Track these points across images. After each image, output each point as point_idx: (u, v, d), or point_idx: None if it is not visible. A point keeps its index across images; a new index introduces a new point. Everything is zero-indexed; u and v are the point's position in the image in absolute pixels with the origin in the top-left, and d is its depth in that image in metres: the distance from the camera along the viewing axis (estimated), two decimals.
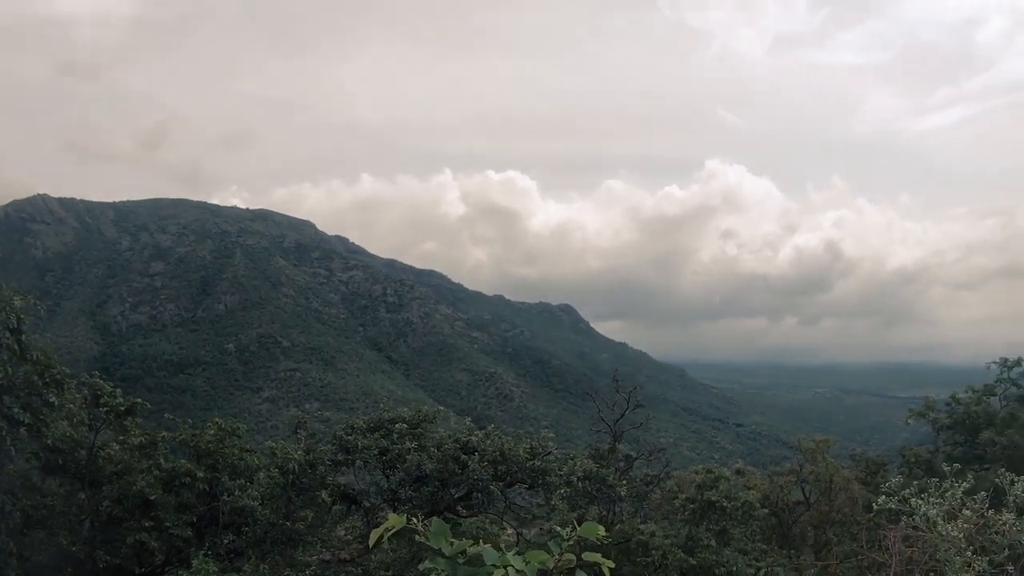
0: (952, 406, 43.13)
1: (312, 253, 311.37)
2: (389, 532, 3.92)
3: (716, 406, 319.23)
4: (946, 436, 42.66)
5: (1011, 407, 41.33)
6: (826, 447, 41.40)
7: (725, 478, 36.04)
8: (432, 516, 25.64)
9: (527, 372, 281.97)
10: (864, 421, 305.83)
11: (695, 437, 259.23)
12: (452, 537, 3.74)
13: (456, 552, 3.72)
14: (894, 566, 6.91)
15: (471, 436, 25.87)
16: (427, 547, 3.73)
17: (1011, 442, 37.76)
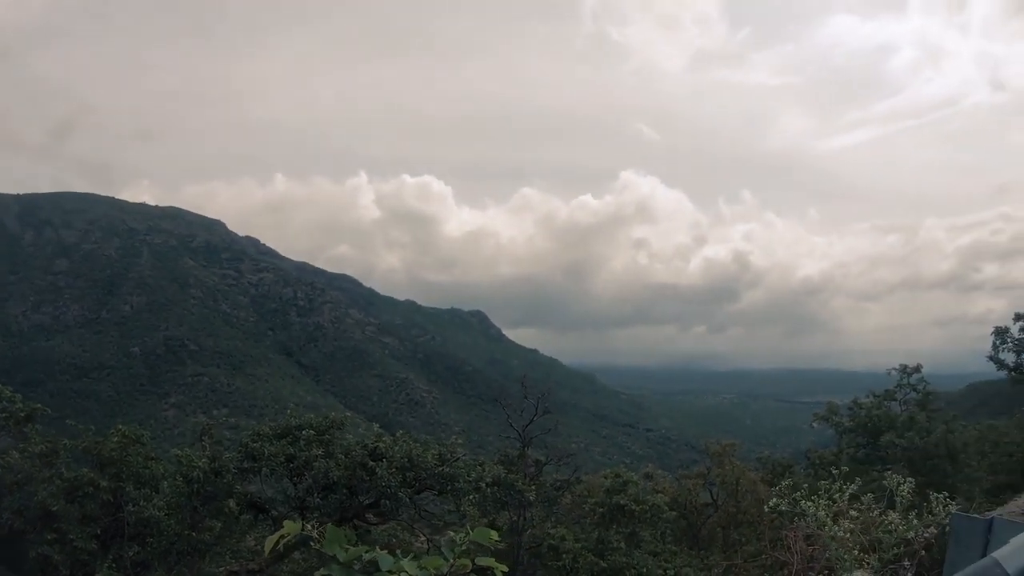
0: (854, 410, 44.25)
1: (222, 254, 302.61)
2: (284, 539, 3.79)
3: (626, 411, 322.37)
4: (849, 439, 43.77)
5: (910, 411, 42.67)
6: (732, 450, 42.34)
7: (633, 482, 36.47)
8: (340, 524, 25.39)
9: (438, 378, 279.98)
10: (771, 425, 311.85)
11: (606, 442, 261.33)
12: (361, 545, 3.63)
13: (351, 558, 3.60)
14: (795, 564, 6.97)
15: (379, 442, 25.59)
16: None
17: (911, 444, 39.00)
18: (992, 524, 4.51)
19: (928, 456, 38.86)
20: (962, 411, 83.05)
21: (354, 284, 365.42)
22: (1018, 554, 4.07)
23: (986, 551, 4.34)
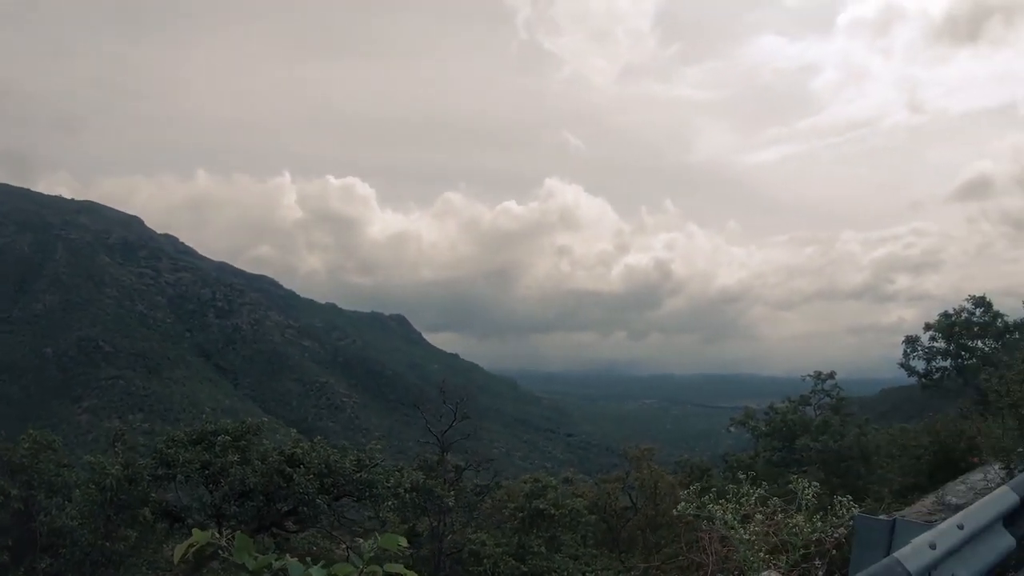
0: (770, 415, 45.17)
1: (139, 252, 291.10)
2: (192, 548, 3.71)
3: (547, 416, 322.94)
4: (765, 442, 44.54)
5: (824, 415, 43.68)
6: (650, 454, 42.78)
7: (553, 486, 36.63)
8: (259, 532, 25.04)
9: (359, 382, 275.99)
10: (690, 429, 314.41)
11: (527, 447, 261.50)
12: (279, 553, 3.57)
13: (261, 567, 3.54)
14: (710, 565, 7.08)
15: (296, 448, 25.31)
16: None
17: (825, 447, 39.93)
18: (894, 525, 4.64)
19: (842, 458, 39.78)
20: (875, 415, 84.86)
21: (274, 286, 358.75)
22: (919, 553, 4.19)
23: (889, 551, 4.45)
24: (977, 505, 5.27)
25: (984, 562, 5.06)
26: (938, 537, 4.44)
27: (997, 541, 5.37)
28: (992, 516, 5.26)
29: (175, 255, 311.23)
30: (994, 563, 5.27)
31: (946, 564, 4.55)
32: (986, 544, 5.17)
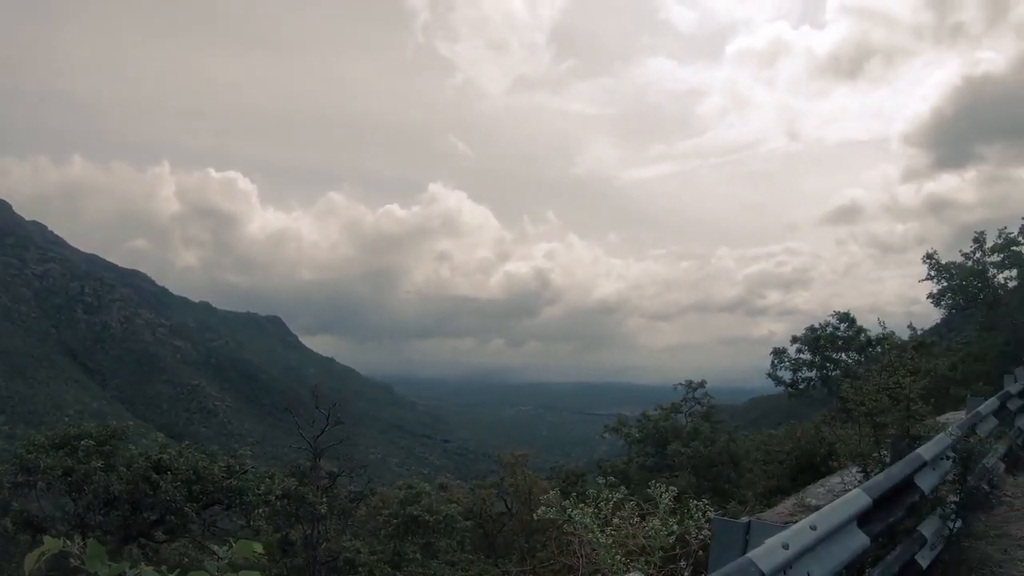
0: (643, 422, 46.35)
1: (5, 239, 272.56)
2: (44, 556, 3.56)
3: (424, 422, 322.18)
4: (638, 448, 45.67)
5: (695, 422, 45.15)
6: (524, 460, 43.16)
7: (426, 492, 36.64)
8: (126, 543, 24.23)
9: (232, 385, 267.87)
10: (566, 436, 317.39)
11: (403, 453, 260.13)
12: (148, 564, 3.45)
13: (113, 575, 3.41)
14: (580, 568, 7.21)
15: (163, 454, 24.57)
16: None
17: (695, 452, 41.13)
18: (750, 526, 4.80)
19: (712, 463, 40.93)
20: (745, 423, 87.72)
21: (147, 282, 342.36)
22: (771, 553, 4.34)
23: (745, 551, 4.59)
24: (829, 507, 5.48)
25: (838, 560, 5.27)
26: (791, 538, 4.60)
27: (851, 540, 5.61)
28: (845, 517, 5.48)
29: (44, 244, 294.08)
30: (848, 561, 5.50)
31: (800, 563, 4.71)
32: (840, 543, 5.39)
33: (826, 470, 16.40)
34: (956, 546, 8.41)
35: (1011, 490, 12.20)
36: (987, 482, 11.56)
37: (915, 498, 7.59)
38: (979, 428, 12.14)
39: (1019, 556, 8.80)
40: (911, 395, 10.41)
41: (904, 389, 10.46)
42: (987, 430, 12.82)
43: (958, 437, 9.04)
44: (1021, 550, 9.07)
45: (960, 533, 8.54)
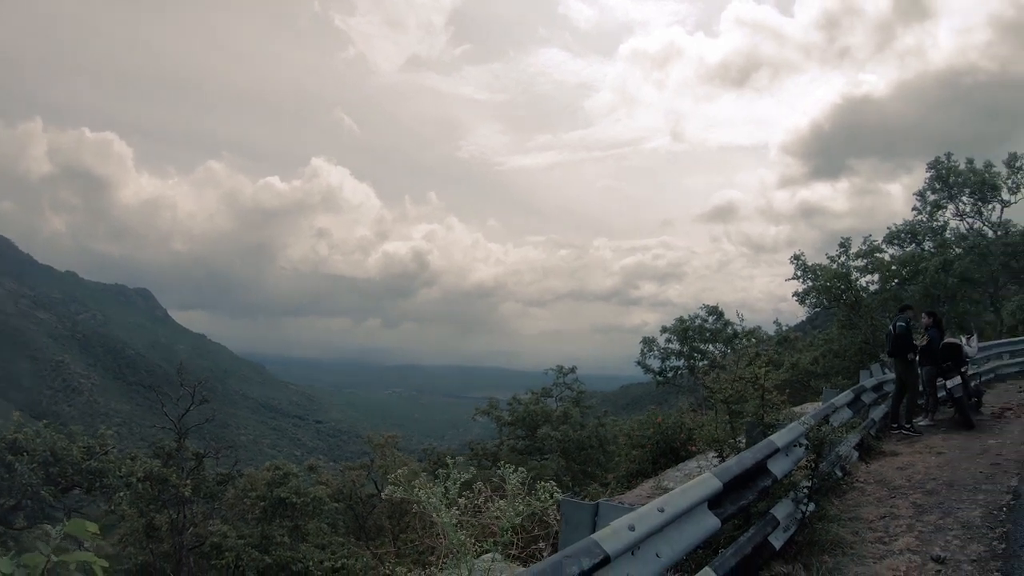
0: (514, 405, 46.84)
1: None
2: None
3: (297, 403, 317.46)
4: (509, 431, 46.14)
5: (565, 407, 45.87)
6: (394, 442, 43.11)
7: (294, 474, 36.19)
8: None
9: (98, 362, 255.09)
10: (440, 418, 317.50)
11: (276, 434, 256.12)
12: (13, 554, 3.29)
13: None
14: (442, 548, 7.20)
15: (18, 434, 23.64)
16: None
17: (565, 436, 41.90)
18: (598, 507, 4.88)
19: (582, 447, 41.73)
20: (616, 408, 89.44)
21: (10, 248, 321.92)
22: (617, 534, 4.41)
23: (594, 532, 4.66)
24: (679, 490, 5.61)
25: (688, 541, 5.41)
26: (638, 519, 4.68)
27: (701, 522, 5.76)
28: (695, 500, 5.62)
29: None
30: (698, 542, 5.65)
31: (649, 543, 4.80)
32: (690, 525, 5.52)
33: (686, 455, 16.85)
34: (809, 528, 8.68)
35: (864, 476, 12.68)
36: (840, 468, 12.05)
37: (767, 483, 7.83)
38: (833, 418, 12.65)
39: (869, 537, 9.16)
40: (765, 385, 10.78)
41: (759, 379, 10.81)
42: (841, 420, 13.37)
43: (811, 426, 9.35)
44: (871, 531, 9.43)
45: (813, 516, 8.82)
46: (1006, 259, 44.53)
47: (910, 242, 47.23)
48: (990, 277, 45.35)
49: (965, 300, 44.09)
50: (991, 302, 46.43)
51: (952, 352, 17.47)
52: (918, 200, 48.68)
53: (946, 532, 9.24)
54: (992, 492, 11.01)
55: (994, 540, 8.73)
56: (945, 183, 47.32)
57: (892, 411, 17.23)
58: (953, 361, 17.38)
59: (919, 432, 16.68)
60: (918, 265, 43.93)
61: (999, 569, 7.69)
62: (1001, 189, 45.97)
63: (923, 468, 13.10)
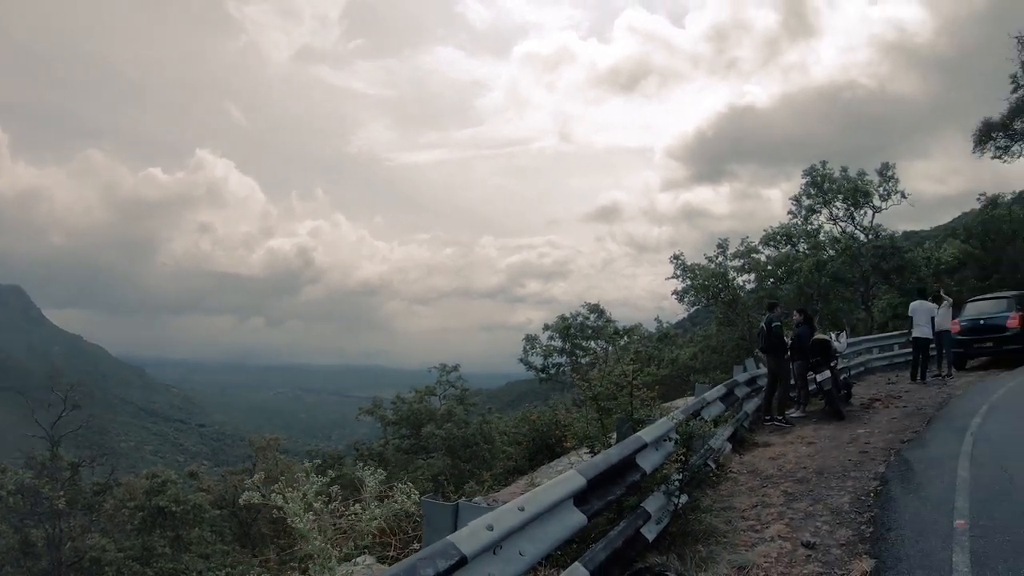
0: (398, 404, 46.86)
1: None
2: None
3: (179, 406, 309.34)
4: (394, 430, 46.15)
5: (449, 405, 46.08)
6: (276, 444, 42.56)
7: (172, 481, 35.31)
8: None
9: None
10: (325, 419, 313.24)
11: (158, 439, 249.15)
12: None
13: None
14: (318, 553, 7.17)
15: None
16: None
17: (449, 434, 42.11)
18: (458, 508, 4.89)
19: (468, 444, 41.94)
20: (502, 405, 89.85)
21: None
22: (475, 535, 4.41)
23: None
24: (541, 488, 5.64)
25: (554, 538, 5.44)
26: (497, 519, 4.68)
27: (567, 519, 5.80)
28: (558, 497, 5.66)
29: None
30: (565, 538, 5.70)
31: (511, 542, 4.82)
32: (555, 522, 5.56)
33: (561, 451, 17.08)
34: (683, 519, 8.83)
35: (737, 467, 12.99)
36: (714, 460, 12.33)
37: (636, 477, 7.92)
38: (705, 412, 12.94)
39: (742, 526, 9.37)
40: (634, 383, 10.99)
41: (628, 376, 11.02)
42: (713, 414, 13.70)
43: (680, 421, 9.52)
44: (744, 520, 9.65)
45: (687, 507, 8.98)
46: (876, 261, 46.48)
47: (785, 243, 48.83)
48: (861, 277, 47.36)
49: (838, 299, 46.32)
50: (862, 301, 48.46)
51: (822, 348, 18.09)
52: (794, 204, 50.20)
53: (816, 518, 9.52)
54: (860, 479, 11.37)
55: (862, 524, 9.03)
56: (820, 189, 48.93)
57: (765, 404, 17.77)
58: (823, 356, 17.98)
59: (791, 423, 17.22)
60: (792, 265, 45.71)
61: (867, 552, 7.94)
62: (873, 196, 47.76)
63: (794, 458, 13.48)
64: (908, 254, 47.15)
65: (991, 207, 50.90)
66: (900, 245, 48.19)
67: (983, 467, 10.90)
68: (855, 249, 47.02)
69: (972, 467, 10.94)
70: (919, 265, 46.31)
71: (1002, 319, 25.99)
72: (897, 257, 46.37)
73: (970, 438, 13.03)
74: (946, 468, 11.11)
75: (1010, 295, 27.83)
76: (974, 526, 8.18)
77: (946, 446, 12.76)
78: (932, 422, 15.71)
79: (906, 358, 26.48)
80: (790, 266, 45.91)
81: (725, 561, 8.02)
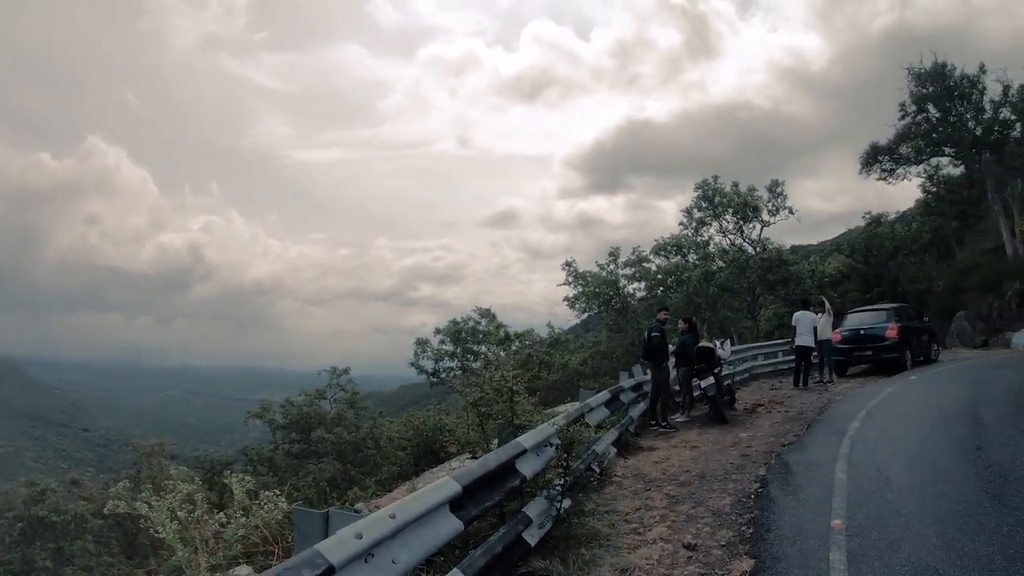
0: (287, 408, 46.39)
1: None
2: None
3: (62, 409, 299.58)
4: (283, 435, 45.66)
5: (339, 408, 45.72)
6: (161, 449, 41.72)
7: (52, 490, 34.18)
8: None
9: None
10: (215, 422, 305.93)
11: (38, 445, 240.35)
12: None
13: None
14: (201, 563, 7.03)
15: None
16: None
17: (339, 438, 41.83)
18: (328, 516, 4.85)
19: (358, 449, 41.68)
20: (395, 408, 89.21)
21: None
22: (343, 543, 4.33)
23: None
24: (415, 495, 5.64)
25: (430, 545, 5.43)
26: (367, 527, 4.63)
27: (443, 525, 5.79)
28: (432, 504, 5.65)
29: None
30: (440, 545, 5.70)
31: (384, 550, 4.78)
32: (430, 529, 5.55)
33: (446, 456, 17.11)
34: (566, 523, 8.89)
35: (622, 471, 13.12)
36: (598, 464, 12.47)
37: (516, 483, 7.96)
38: (589, 417, 13.09)
39: (625, 529, 9.45)
40: (514, 387, 11.07)
41: (507, 383, 11.10)
42: (598, 419, 13.86)
43: (561, 426, 9.60)
44: (627, 523, 9.74)
45: (570, 511, 9.06)
46: (763, 272, 48.09)
47: (676, 254, 50.11)
48: (748, 288, 48.92)
49: (725, 308, 48.02)
50: (749, 310, 50.06)
51: (706, 355, 18.49)
52: (685, 216, 51.57)
53: (697, 520, 9.67)
54: (742, 481, 11.59)
55: (743, 526, 9.20)
56: (711, 202, 50.25)
57: (650, 409, 18.06)
58: (707, 363, 18.38)
59: (675, 428, 17.54)
60: (682, 275, 47.10)
61: (747, 552, 8.09)
62: (762, 211, 49.31)
63: (678, 461, 13.69)
64: (794, 267, 48.95)
65: (875, 225, 53.56)
66: (787, 258, 49.98)
67: (859, 469, 11.24)
68: (743, 261, 48.52)
69: (849, 469, 11.28)
70: (804, 277, 48.15)
71: (881, 329, 27.27)
72: (783, 269, 48.06)
73: (848, 441, 13.43)
74: (824, 470, 11.44)
75: (889, 307, 29.51)
76: (850, 525, 8.45)
77: (825, 449, 13.10)
78: (812, 426, 16.13)
79: (790, 365, 27.24)
80: (679, 275, 47.22)
81: (608, 564, 8.08)
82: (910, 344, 27.69)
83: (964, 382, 21.48)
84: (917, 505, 9.10)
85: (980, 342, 41.53)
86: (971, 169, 50.54)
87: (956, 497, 9.29)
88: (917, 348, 28.53)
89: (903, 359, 26.93)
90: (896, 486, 10.06)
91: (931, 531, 7.99)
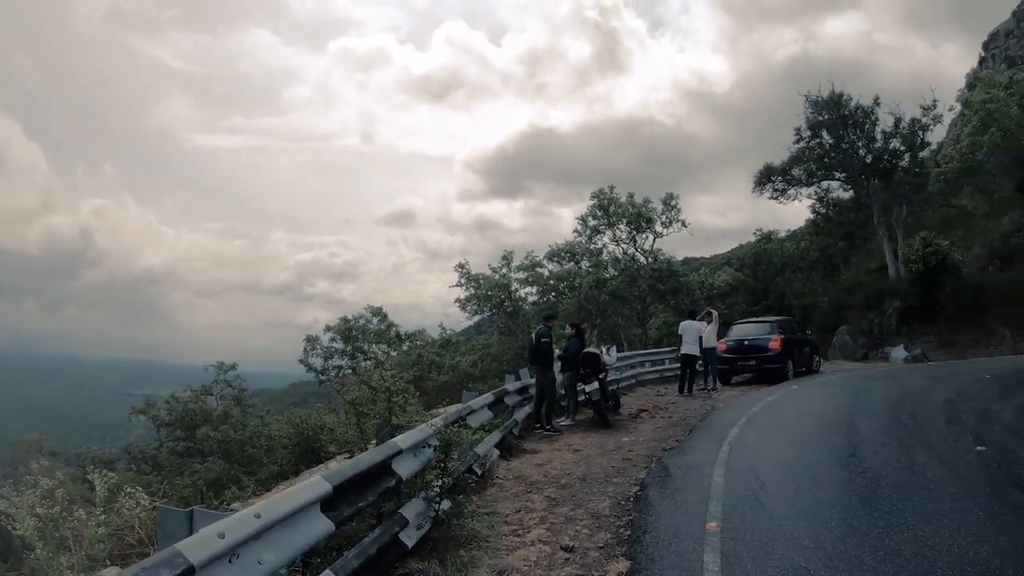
0: (172, 404, 45.48)
1: None
2: None
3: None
4: (168, 432, 44.75)
5: (226, 405, 44.96)
6: (38, 445, 40.57)
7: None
8: None
9: None
10: (100, 418, 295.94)
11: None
12: None
13: None
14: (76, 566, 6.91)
15: None
16: None
17: (225, 436, 41.15)
18: (193, 515, 4.81)
19: (245, 447, 41.02)
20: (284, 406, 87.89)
21: None
22: (205, 543, 4.24)
23: None
24: (282, 495, 5.58)
25: (298, 546, 5.37)
26: (231, 527, 4.53)
27: (313, 525, 5.74)
28: (301, 504, 5.60)
29: None
30: (309, 545, 5.64)
31: (249, 550, 4.71)
32: (299, 529, 5.51)
33: (325, 455, 17.04)
34: (446, 525, 8.95)
35: (504, 473, 13.21)
36: (480, 466, 12.58)
37: (391, 483, 7.97)
38: (471, 419, 13.17)
39: (504, 531, 9.52)
40: (391, 388, 11.13)
41: (385, 382, 11.15)
42: (480, 421, 13.96)
43: (440, 427, 9.67)
44: (507, 525, 9.81)
45: (450, 513, 9.12)
46: (654, 282, 49.20)
47: (569, 260, 50.72)
48: (639, 296, 49.86)
49: (616, 315, 48.84)
50: (639, 318, 51.00)
51: (591, 360, 18.77)
52: (580, 224, 52.16)
53: (576, 523, 9.78)
54: (622, 484, 11.75)
55: (620, 528, 9.35)
56: (606, 212, 51.00)
57: (535, 412, 18.22)
58: (592, 368, 18.66)
59: (560, 431, 17.74)
60: (574, 281, 47.76)
61: (624, 554, 8.21)
62: (655, 222, 50.29)
63: (560, 464, 13.83)
64: (684, 278, 50.18)
65: (765, 241, 55.35)
66: (677, 269, 51.28)
67: (737, 473, 11.55)
68: (634, 270, 49.49)
69: (727, 473, 11.57)
70: (693, 288, 49.34)
71: (765, 341, 28.17)
72: (673, 280, 49.23)
73: (727, 446, 13.77)
74: (703, 474, 11.70)
75: (773, 320, 30.61)
76: (725, 528, 8.67)
77: (705, 454, 13.40)
78: (694, 432, 16.48)
79: (675, 372, 27.81)
80: (571, 281, 47.83)
81: (486, 565, 8.13)
82: (792, 355, 28.73)
83: (843, 392, 22.27)
84: (791, 509, 9.39)
85: (860, 355, 43.30)
86: (859, 194, 52.26)
87: (830, 501, 9.62)
88: (799, 359, 29.66)
89: (785, 369, 27.96)
90: (772, 490, 10.36)
91: (804, 533, 8.27)
